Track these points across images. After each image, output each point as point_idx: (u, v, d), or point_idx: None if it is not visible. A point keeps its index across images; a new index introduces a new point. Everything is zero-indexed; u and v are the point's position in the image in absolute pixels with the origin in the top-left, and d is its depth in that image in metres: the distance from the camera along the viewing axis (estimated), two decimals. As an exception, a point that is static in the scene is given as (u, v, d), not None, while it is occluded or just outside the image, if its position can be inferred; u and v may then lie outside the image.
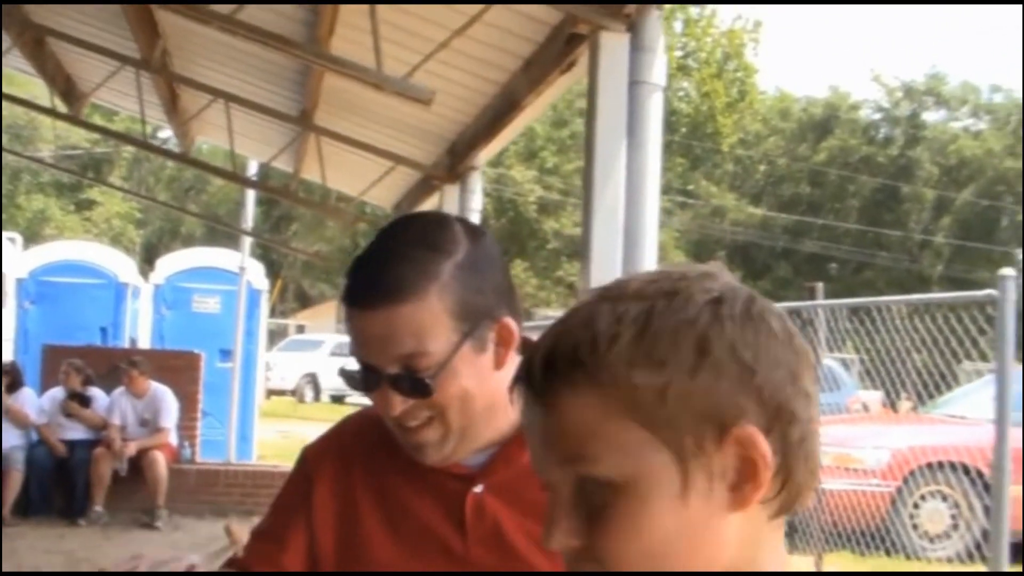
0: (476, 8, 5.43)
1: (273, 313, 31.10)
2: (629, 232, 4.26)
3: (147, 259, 33.93)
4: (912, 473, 9.81)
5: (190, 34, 8.51)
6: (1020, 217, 45.77)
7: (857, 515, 9.12)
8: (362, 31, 6.27)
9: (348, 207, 12.48)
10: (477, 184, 8.09)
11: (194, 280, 15.06)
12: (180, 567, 1.64)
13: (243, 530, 1.85)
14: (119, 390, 11.24)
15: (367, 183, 10.40)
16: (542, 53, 5.61)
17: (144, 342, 15.66)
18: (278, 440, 16.88)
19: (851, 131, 48.12)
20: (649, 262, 4.23)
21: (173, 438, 11.32)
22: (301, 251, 32.42)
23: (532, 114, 6.66)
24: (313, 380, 30.93)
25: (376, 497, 1.77)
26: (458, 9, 5.70)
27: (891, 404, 12.74)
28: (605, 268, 4.33)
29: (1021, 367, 6.71)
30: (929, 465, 9.76)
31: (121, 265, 15.99)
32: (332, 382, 31.21)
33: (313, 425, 19.71)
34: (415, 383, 1.64)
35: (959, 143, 46.62)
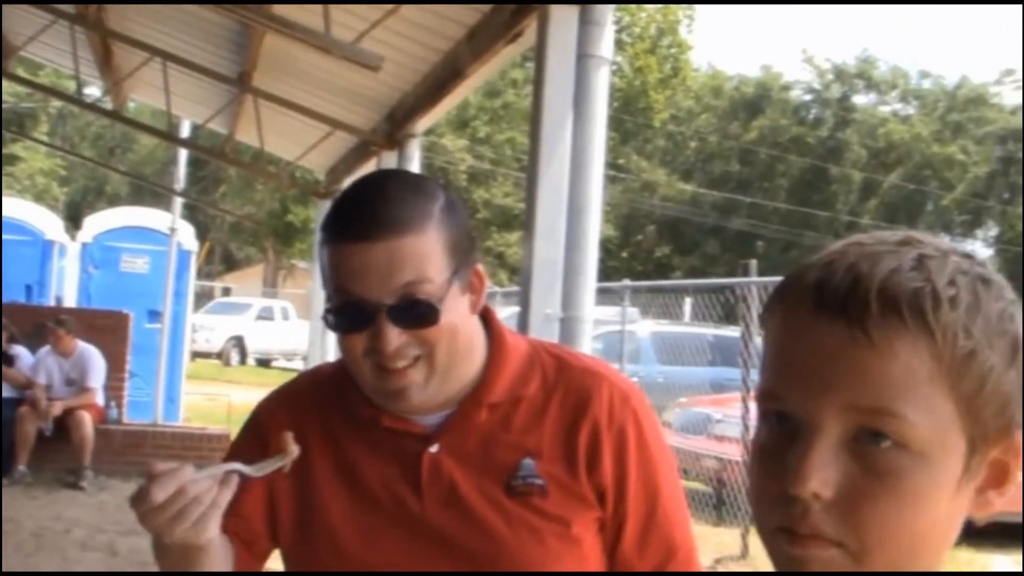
0: None
1: (199, 275, 30.86)
2: (573, 205, 4.31)
3: (70, 217, 33.47)
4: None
5: (126, -10, 8.44)
6: (945, 202, 46.51)
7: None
8: (306, -6, 6.26)
9: (280, 170, 12.43)
10: (415, 152, 8.11)
11: (123, 240, 14.92)
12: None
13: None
14: (45, 349, 11.12)
15: (303, 147, 10.37)
16: (488, 23, 5.63)
17: (70, 301, 15.50)
18: (203, 403, 16.81)
19: (782, 111, 48.59)
20: (593, 235, 4.29)
21: (100, 398, 11.24)
22: (232, 213, 32.13)
23: (474, 83, 6.68)
24: (239, 343, 30.77)
25: (332, 455, 1.77)
26: None
27: None
28: (549, 240, 4.37)
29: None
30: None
31: (48, 223, 15.80)
32: (258, 345, 31.08)
33: (239, 388, 19.64)
34: (420, 309, 1.65)
35: (888, 127, 47.25)
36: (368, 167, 9.37)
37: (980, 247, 50.95)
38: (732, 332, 11.61)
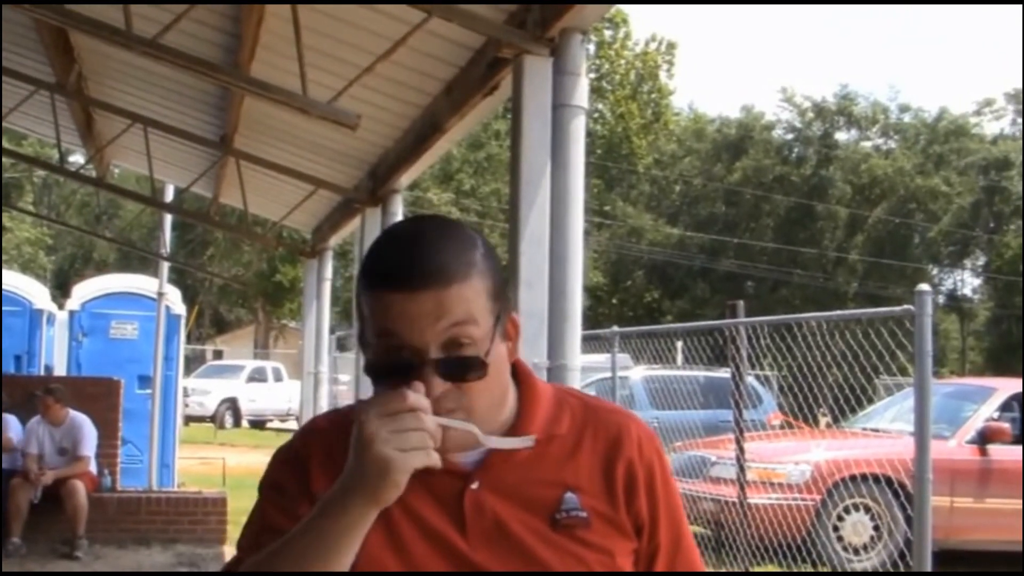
0: (400, 32, 5.49)
1: (190, 339, 30.82)
2: (555, 253, 4.33)
3: (58, 286, 33.45)
4: (836, 486, 10.02)
5: (106, 58, 8.48)
6: (931, 234, 46.66)
7: (783, 529, 9.29)
8: (283, 56, 6.31)
9: (266, 231, 12.46)
10: (399, 207, 8.14)
11: (111, 306, 14.87)
12: None
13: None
14: (35, 419, 11.05)
15: (287, 207, 10.40)
16: (464, 77, 5.68)
17: (60, 370, 15.44)
18: (198, 467, 16.74)
19: (765, 151, 48.83)
20: (576, 283, 4.31)
21: (93, 466, 11.16)
22: (220, 275, 32.16)
23: (454, 137, 6.72)
24: (233, 405, 30.66)
25: None
26: (381, 33, 5.75)
27: (814, 419, 12.93)
28: (533, 289, 4.39)
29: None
30: (853, 478, 9.97)
31: (36, 292, 15.75)
32: (251, 407, 30.98)
33: (234, 451, 19.55)
34: (468, 363, 1.66)
35: (871, 162, 47.49)
36: (353, 224, 9.39)
37: (969, 276, 51.10)
38: (723, 374, 11.60)
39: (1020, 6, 47.91)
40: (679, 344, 14.15)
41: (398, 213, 8.11)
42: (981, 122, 50.14)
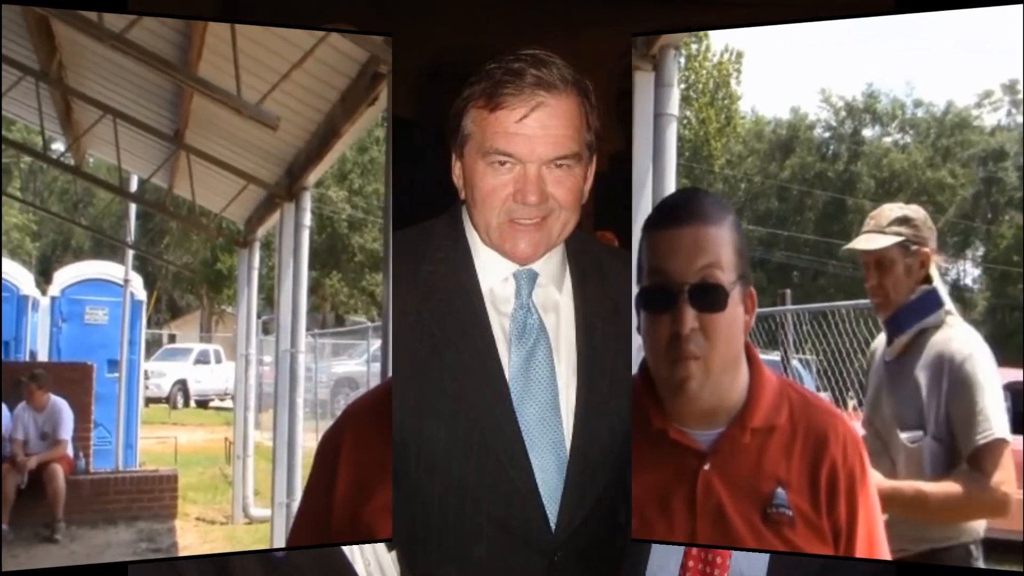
0: (309, 44, 6.13)
1: (150, 323, 30.80)
2: None
3: (42, 272, 33.24)
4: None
5: (83, 49, 9.01)
6: (938, 225, 46.52)
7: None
8: (222, 58, 6.96)
9: (210, 222, 12.92)
10: (308, 202, 8.69)
11: (86, 292, 14.93)
12: None
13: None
14: (21, 405, 11.12)
15: (226, 199, 10.94)
16: (355, 87, 6.28)
17: (43, 355, 15.45)
18: (155, 446, 16.93)
19: (808, 149, 48.58)
20: None
21: (70, 450, 11.36)
22: (173, 263, 31.99)
23: (348, 141, 7.31)
24: (183, 387, 30.60)
25: None
26: (296, 43, 6.38)
27: (843, 402, 13.19)
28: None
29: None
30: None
31: (22, 278, 15.81)
32: (197, 388, 30.93)
33: (184, 430, 19.50)
34: (714, 292, 1.85)
35: (890, 157, 47.27)
36: (275, 218, 9.99)
37: (970, 267, 51.08)
38: (774, 357, 11.91)
39: (1020, 6, 48.19)
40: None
41: (307, 208, 8.65)
42: (981, 114, 50.01)
